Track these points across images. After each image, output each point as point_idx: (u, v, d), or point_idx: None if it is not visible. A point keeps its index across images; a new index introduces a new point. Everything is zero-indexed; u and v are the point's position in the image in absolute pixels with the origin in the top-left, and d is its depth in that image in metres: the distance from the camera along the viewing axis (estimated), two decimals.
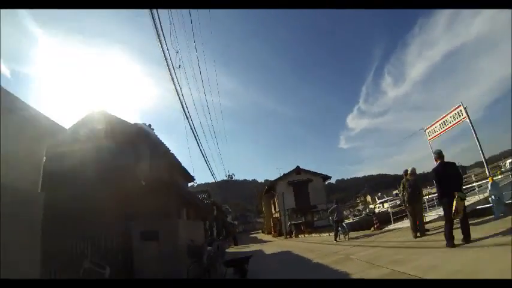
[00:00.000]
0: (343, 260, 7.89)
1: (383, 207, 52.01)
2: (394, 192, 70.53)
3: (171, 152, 15.38)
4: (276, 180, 34.82)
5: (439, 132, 13.71)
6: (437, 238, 7.38)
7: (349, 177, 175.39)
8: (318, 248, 12.06)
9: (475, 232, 6.07)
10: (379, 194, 74.01)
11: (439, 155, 6.58)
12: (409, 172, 9.07)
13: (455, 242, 5.84)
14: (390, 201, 54.03)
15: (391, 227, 14.21)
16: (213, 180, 32.79)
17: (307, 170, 36.33)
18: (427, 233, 8.42)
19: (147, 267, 6.64)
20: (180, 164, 17.39)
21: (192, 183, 22.96)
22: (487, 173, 12.77)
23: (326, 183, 38.84)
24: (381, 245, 8.85)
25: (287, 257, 11.34)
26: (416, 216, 8.57)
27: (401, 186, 9.27)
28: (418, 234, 8.32)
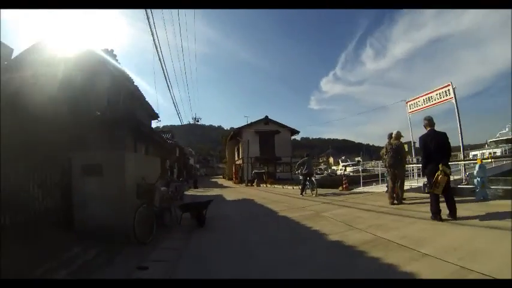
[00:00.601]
0: (314, 216, 7.15)
1: (345, 170, 53.64)
2: (356, 158, 72.83)
3: (134, 83, 13.68)
4: (243, 127, 33.80)
5: (421, 107, 13.37)
6: (417, 208, 6.84)
7: (314, 137, 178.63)
8: (282, 200, 11.38)
9: (460, 210, 5.48)
10: (343, 157, 75.73)
11: (430, 122, 5.92)
12: (393, 135, 8.29)
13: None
14: (353, 165, 56.14)
15: (360, 189, 13.80)
16: (179, 123, 31.42)
17: (276, 121, 35.61)
18: (404, 201, 7.90)
19: (88, 207, 5.45)
20: (143, 97, 15.72)
21: (156, 121, 21.33)
22: (461, 157, 12.60)
23: (292, 138, 38.26)
24: (354, 206, 8.20)
25: (250, 206, 10.60)
26: (396, 182, 7.93)
27: (384, 149, 8.53)
28: (395, 201, 7.76)
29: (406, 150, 10.41)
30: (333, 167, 64.68)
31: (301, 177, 12.77)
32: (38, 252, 3.92)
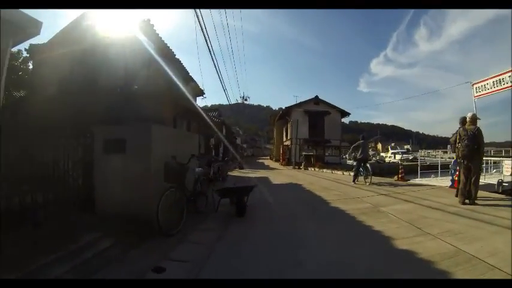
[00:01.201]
0: (371, 211, 5.98)
1: (394, 158, 50.44)
2: (406, 146, 68.33)
3: (175, 56, 12.98)
4: (292, 106, 32.40)
5: (490, 90, 11.54)
6: (495, 213, 5.39)
7: (363, 121, 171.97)
8: (333, 187, 10.21)
9: None
10: (392, 144, 71.50)
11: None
12: (468, 119, 6.71)
13: None
14: (403, 153, 52.67)
15: (418, 180, 12.18)
16: (227, 103, 30.82)
17: (326, 102, 33.77)
18: (477, 202, 6.35)
19: (110, 189, 4.81)
20: (187, 72, 15.10)
21: (201, 97, 20.76)
22: None
23: (342, 120, 36.17)
24: (417, 201, 6.86)
25: (297, 192, 9.51)
26: (471, 177, 6.36)
27: (455, 136, 6.97)
28: (467, 201, 6.31)
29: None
30: (382, 154, 61.26)
31: (353, 162, 11.54)
32: (41, 241, 3.27)
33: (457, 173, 8.06)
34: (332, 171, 18.27)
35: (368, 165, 10.87)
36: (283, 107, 33.08)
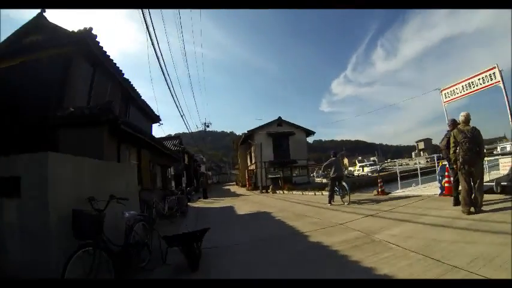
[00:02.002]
0: (364, 242, 4.73)
1: (363, 170, 50.69)
2: (372, 158, 69.58)
3: (124, 75, 11.42)
4: (255, 129, 31.39)
5: (460, 94, 11.38)
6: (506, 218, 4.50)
7: (327, 139, 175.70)
8: (308, 212, 8.93)
9: None
10: (359, 157, 72.57)
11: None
12: (461, 119, 5.92)
13: None
14: (370, 165, 53.12)
15: (400, 192, 11.21)
16: (189, 131, 29.24)
17: (290, 123, 33.25)
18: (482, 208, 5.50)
19: (7, 247, 3.25)
20: (138, 95, 13.53)
21: (157, 124, 19.08)
22: None
23: (307, 139, 35.62)
24: (413, 219, 5.76)
25: (267, 224, 7.99)
26: (474, 183, 5.51)
27: (446, 140, 6.39)
28: (472, 209, 5.42)
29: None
30: (350, 168, 61.69)
31: (323, 180, 10.47)
32: None
33: (446, 179, 7.80)
34: (302, 193, 17.05)
35: (344, 183, 9.75)
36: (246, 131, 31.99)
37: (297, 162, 31.93)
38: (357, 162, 65.38)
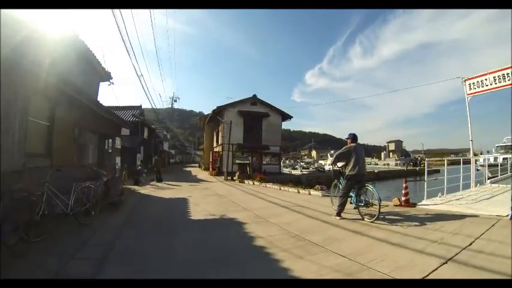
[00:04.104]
0: None
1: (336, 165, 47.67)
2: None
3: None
4: (226, 105, 27.26)
5: (490, 87, 9.32)
6: None
7: (295, 129, 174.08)
8: (311, 234, 5.24)
9: None
10: (332, 151, 70.12)
11: None
12: None
13: None
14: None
15: (430, 204, 7.80)
16: (155, 107, 24.73)
17: (265, 102, 29.34)
18: None
19: None
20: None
21: (107, 82, 14.61)
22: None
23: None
24: None
25: (241, 266, 4.09)
26: None
27: None
28: None
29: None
30: (320, 162, 59.03)
31: (339, 181, 6.95)
32: None
33: None
34: (280, 187, 13.33)
35: (371, 186, 6.18)
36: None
37: (269, 149, 28.33)
38: (328, 155, 62.60)
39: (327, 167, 46.48)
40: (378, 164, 68.07)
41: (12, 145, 4.94)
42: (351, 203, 6.46)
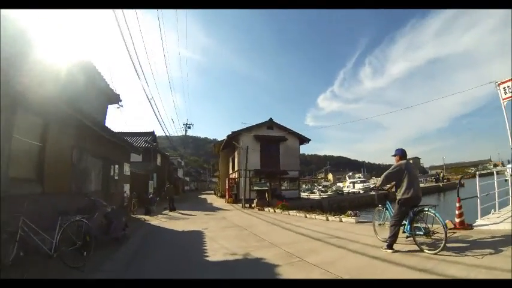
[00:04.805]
0: None
1: (353, 187, 45.83)
2: (357, 175, 65.15)
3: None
4: (241, 130, 26.17)
5: None
6: None
7: (309, 153, 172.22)
8: None
9: None
10: (350, 173, 67.83)
11: None
12: None
13: None
14: (361, 182, 48.41)
15: (489, 223, 6.42)
16: (168, 134, 24.03)
17: (282, 126, 28.16)
18: None
19: None
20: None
21: (116, 105, 13.89)
22: None
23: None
24: None
25: None
26: None
27: None
28: None
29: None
30: (338, 184, 56.89)
31: (384, 205, 5.71)
32: None
33: None
34: (306, 215, 11.92)
35: (432, 210, 4.85)
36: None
37: (287, 174, 26.93)
38: (347, 177, 60.24)
39: (345, 190, 44.57)
40: None
41: None
42: (403, 232, 5.16)
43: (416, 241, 4.91)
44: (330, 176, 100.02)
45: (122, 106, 14.14)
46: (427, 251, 4.62)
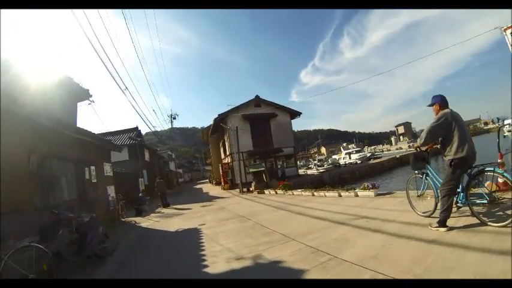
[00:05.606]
0: None
1: (349, 158, 45.23)
2: (350, 146, 64.61)
3: None
4: (229, 111, 24.71)
5: None
6: None
7: (299, 129, 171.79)
8: None
9: None
10: (344, 144, 67.08)
11: None
12: None
13: None
14: (357, 152, 47.88)
15: None
16: (154, 128, 22.56)
17: (270, 102, 26.67)
18: None
19: None
20: None
21: (87, 101, 12.34)
22: None
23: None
24: None
25: None
26: None
27: None
28: None
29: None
30: (334, 157, 56.21)
31: (419, 173, 4.52)
32: None
33: None
34: (313, 193, 10.71)
35: (499, 170, 3.65)
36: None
37: (282, 151, 25.73)
38: (341, 149, 59.62)
39: (342, 161, 43.93)
40: (390, 150, 64.83)
41: None
42: (456, 202, 3.97)
43: (474, 212, 3.73)
44: (323, 150, 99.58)
45: (93, 102, 12.62)
46: (492, 224, 3.47)
